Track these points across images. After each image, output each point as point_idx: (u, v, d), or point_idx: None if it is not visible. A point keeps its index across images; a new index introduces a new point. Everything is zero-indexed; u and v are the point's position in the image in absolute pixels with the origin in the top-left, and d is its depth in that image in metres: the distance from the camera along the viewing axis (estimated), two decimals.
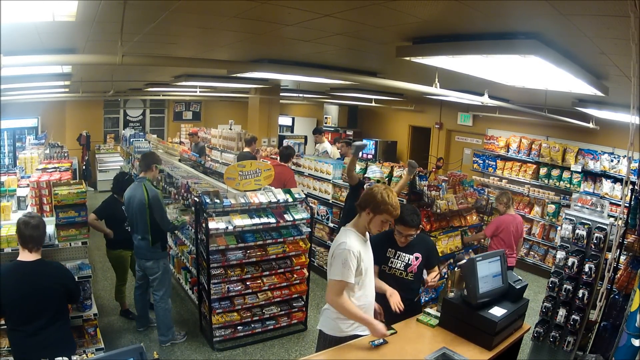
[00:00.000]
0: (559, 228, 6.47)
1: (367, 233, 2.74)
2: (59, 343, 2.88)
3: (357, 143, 4.63)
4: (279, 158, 6.17)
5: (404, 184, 4.67)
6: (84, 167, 11.15)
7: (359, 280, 2.63)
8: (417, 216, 3.11)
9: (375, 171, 5.28)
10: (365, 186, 4.33)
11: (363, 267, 2.62)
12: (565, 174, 6.96)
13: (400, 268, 3.17)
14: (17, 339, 2.84)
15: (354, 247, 2.56)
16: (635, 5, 1.67)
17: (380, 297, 2.91)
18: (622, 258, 3.47)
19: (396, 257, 3.18)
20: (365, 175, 5.26)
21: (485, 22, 2.50)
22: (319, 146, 8.03)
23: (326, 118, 12.56)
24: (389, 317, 2.88)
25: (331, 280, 2.59)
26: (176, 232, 5.40)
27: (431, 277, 3.24)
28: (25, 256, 2.81)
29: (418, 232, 3.24)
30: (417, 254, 3.19)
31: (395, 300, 2.85)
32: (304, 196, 4.80)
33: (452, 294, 2.91)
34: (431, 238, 4.52)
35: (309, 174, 6.49)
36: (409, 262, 3.17)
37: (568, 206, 5.97)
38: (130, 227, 4.40)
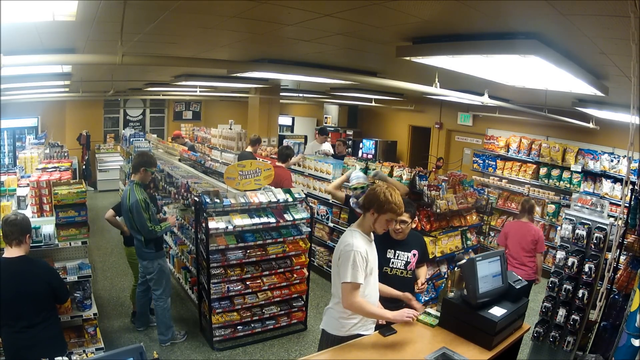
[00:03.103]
0: (559, 228, 6.47)
1: (371, 233, 2.75)
2: (48, 342, 2.89)
3: (380, 174, 4.41)
4: (277, 158, 6.12)
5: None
6: (84, 167, 11.13)
7: (364, 280, 2.63)
8: (411, 205, 3.24)
9: (358, 177, 4.37)
10: (351, 200, 3.98)
11: (369, 267, 2.63)
12: (565, 174, 6.96)
13: (401, 267, 3.23)
14: (5, 336, 2.85)
15: (360, 247, 2.57)
16: (635, 5, 1.67)
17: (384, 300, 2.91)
18: (622, 258, 3.48)
19: (396, 257, 3.23)
20: (349, 186, 4.45)
21: (485, 22, 2.50)
22: (321, 146, 8.07)
23: (326, 118, 12.56)
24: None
25: (342, 283, 2.56)
26: (176, 232, 5.42)
27: (421, 281, 3.34)
28: (9, 252, 2.84)
29: (413, 225, 3.34)
30: (414, 251, 3.28)
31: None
32: (304, 196, 4.81)
33: (452, 293, 2.91)
34: (431, 238, 4.55)
35: (309, 174, 6.49)
36: (408, 259, 3.24)
37: (568, 206, 5.96)
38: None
